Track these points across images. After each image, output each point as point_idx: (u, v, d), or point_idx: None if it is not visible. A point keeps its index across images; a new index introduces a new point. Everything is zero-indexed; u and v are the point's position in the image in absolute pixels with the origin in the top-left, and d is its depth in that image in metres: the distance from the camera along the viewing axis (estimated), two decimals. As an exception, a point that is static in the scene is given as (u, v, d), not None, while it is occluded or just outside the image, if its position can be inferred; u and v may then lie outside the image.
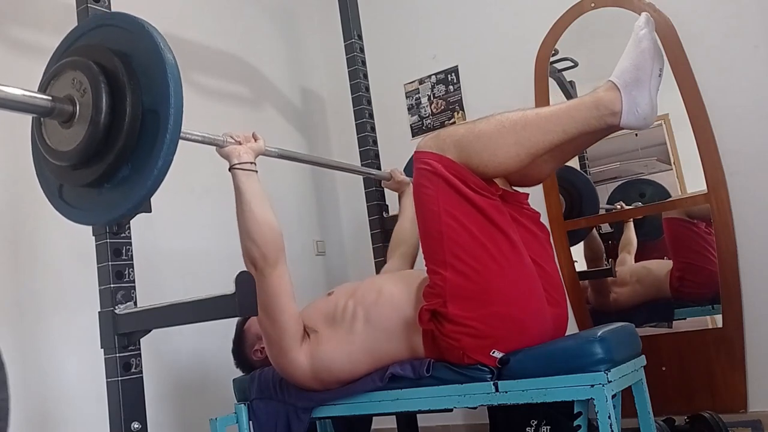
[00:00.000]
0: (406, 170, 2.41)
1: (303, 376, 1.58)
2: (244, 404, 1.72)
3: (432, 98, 2.93)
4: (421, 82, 2.97)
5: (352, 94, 2.53)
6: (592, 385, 1.32)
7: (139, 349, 1.47)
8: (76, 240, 1.75)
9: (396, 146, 2.86)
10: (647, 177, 2.52)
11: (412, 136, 2.97)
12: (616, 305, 2.53)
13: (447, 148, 1.45)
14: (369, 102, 2.54)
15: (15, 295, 1.84)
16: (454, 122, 2.86)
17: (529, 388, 1.39)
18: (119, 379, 1.42)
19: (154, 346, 1.91)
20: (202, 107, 2.59)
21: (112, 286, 1.47)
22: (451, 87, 2.88)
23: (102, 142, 1.14)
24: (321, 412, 1.65)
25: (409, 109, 3.00)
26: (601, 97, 1.41)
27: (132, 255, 1.51)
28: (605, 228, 2.64)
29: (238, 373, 1.87)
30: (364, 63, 2.56)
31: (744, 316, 2.18)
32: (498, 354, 1.41)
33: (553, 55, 2.57)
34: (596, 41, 2.56)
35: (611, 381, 1.33)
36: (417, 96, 2.98)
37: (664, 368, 2.27)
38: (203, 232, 2.38)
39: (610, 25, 2.45)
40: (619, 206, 2.56)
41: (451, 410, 1.52)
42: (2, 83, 1.15)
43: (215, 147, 1.64)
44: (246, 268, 1.56)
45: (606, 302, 2.54)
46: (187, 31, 2.59)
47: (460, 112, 2.85)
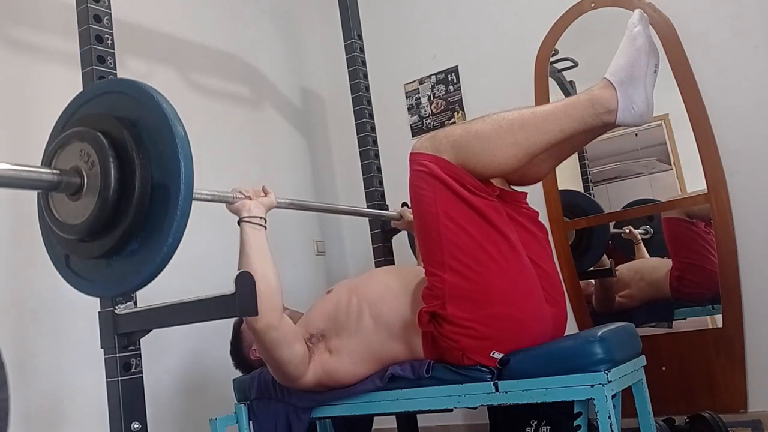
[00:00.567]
0: None
1: (309, 388, 1.60)
2: (244, 404, 1.72)
3: (432, 98, 2.93)
4: (421, 82, 2.97)
5: (352, 94, 2.53)
6: (592, 385, 1.32)
7: (139, 349, 1.47)
8: (76, 240, 1.75)
9: (396, 146, 2.86)
10: (649, 197, 2.49)
11: (412, 136, 2.97)
12: (620, 307, 2.53)
13: (443, 149, 1.44)
14: (369, 102, 2.54)
15: (15, 295, 1.84)
16: (454, 122, 2.86)
17: (529, 388, 1.39)
18: (119, 379, 1.42)
19: (154, 346, 1.91)
20: (202, 107, 2.59)
21: (112, 286, 1.46)
22: (451, 87, 2.88)
23: (110, 217, 1.10)
24: (321, 412, 1.65)
25: (409, 109, 3.00)
26: (596, 95, 1.40)
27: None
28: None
29: (238, 373, 1.87)
30: (364, 63, 2.56)
31: (744, 316, 2.18)
32: (498, 355, 1.41)
33: (553, 55, 2.57)
34: (596, 41, 2.56)
35: (611, 381, 1.33)
36: (417, 96, 2.98)
37: (664, 368, 2.27)
38: (203, 232, 2.38)
39: (610, 25, 2.45)
40: (627, 230, 2.55)
41: (451, 410, 1.52)
42: (8, 162, 1.07)
43: (225, 204, 1.62)
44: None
45: (611, 307, 2.54)
46: (187, 31, 2.59)
47: (460, 112, 2.85)
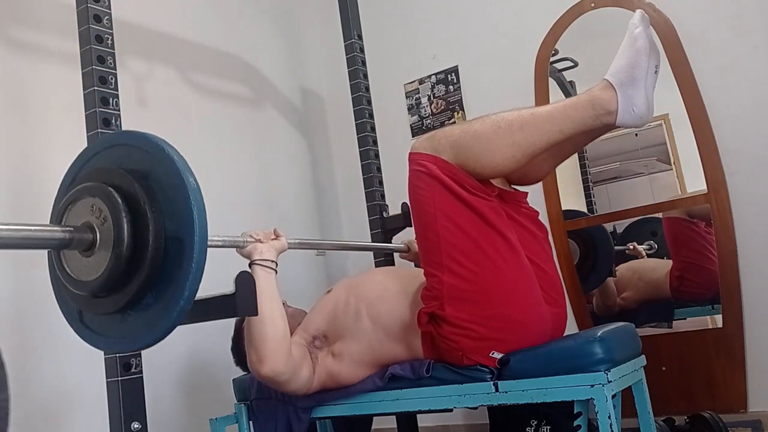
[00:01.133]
0: None
1: (311, 393, 1.60)
2: (244, 404, 1.73)
3: (432, 98, 2.93)
4: (421, 82, 2.97)
5: (352, 94, 2.53)
6: (592, 385, 1.32)
7: (142, 350, 1.47)
8: (76, 240, 1.75)
9: (396, 146, 2.86)
10: (659, 215, 2.47)
11: (412, 136, 2.96)
12: (618, 306, 2.53)
13: (442, 149, 1.44)
14: (369, 102, 2.54)
15: (15, 295, 1.84)
16: (454, 122, 2.86)
17: (529, 388, 1.39)
18: (119, 379, 1.42)
19: (154, 346, 1.91)
20: (202, 107, 2.59)
21: (112, 286, 1.46)
22: (451, 87, 2.88)
23: (125, 272, 1.08)
24: (321, 412, 1.65)
25: (409, 109, 3.00)
26: (597, 96, 1.40)
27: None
28: (607, 227, 2.63)
29: (238, 373, 1.87)
30: (364, 63, 2.56)
31: (744, 316, 2.18)
32: (497, 355, 1.41)
33: (553, 55, 2.57)
34: (596, 41, 2.56)
35: (611, 381, 1.33)
36: (417, 96, 2.98)
37: (664, 368, 2.27)
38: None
39: (610, 25, 2.45)
40: (631, 246, 2.55)
41: (451, 410, 1.52)
42: (17, 222, 1.05)
43: (236, 249, 1.60)
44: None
45: (612, 308, 2.53)
46: (187, 31, 2.59)
47: (460, 112, 2.85)
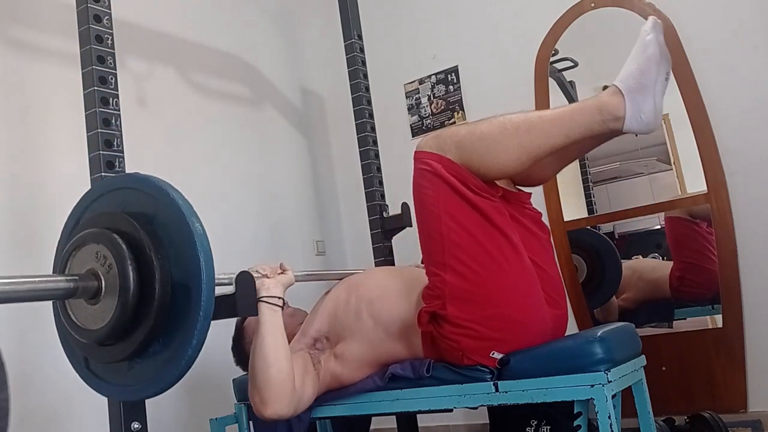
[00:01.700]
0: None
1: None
2: (244, 404, 1.73)
3: (432, 98, 2.93)
4: (421, 82, 2.97)
5: (352, 94, 2.53)
6: (592, 385, 1.32)
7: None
8: (76, 240, 1.75)
9: (396, 146, 2.86)
10: (660, 227, 2.49)
11: (412, 136, 2.97)
12: (619, 307, 2.53)
13: (448, 149, 1.44)
14: (369, 102, 2.54)
15: (15, 295, 1.84)
16: (454, 122, 2.86)
17: (529, 388, 1.39)
18: (119, 379, 1.42)
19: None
20: (202, 107, 2.59)
21: (112, 286, 1.46)
22: (451, 87, 2.88)
23: (132, 321, 1.07)
24: (321, 412, 1.65)
25: (409, 109, 3.00)
26: (604, 102, 1.40)
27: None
28: (606, 228, 2.63)
29: (238, 373, 1.87)
30: (364, 63, 2.55)
31: (744, 316, 2.18)
32: (498, 355, 1.41)
33: (553, 55, 2.57)
34: (596, 41, 2.56)
35: (611, 381, 1.33)
36: (417, 96, 2.98)
37: (664, 368, 2.27)
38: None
39: (610, 25, 2.45)
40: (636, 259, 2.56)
41: (451, 410, 1.52)
42: (19, 276, 1.02)
43: None
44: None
45: (614, 314, 2.53)
46: (187, 31, 2.59)
47: (460, 112, 2.85)
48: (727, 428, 1.91)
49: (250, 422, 1.72)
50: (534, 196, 1.63)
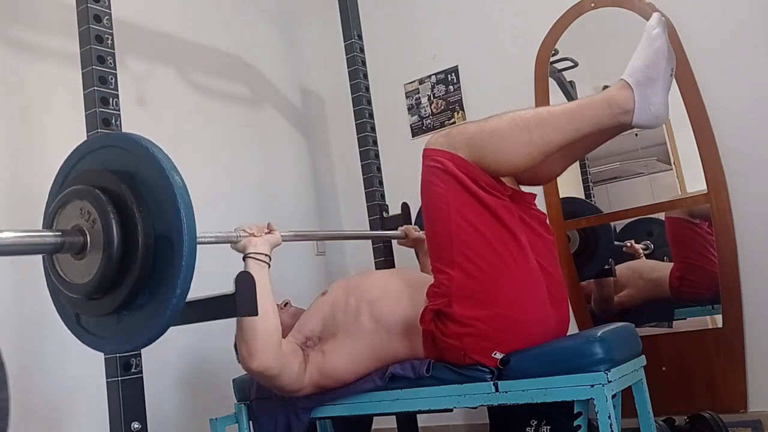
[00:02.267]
0: (417, 222, 2.37)
1: (307, 393, 1.60)
2: (244, 404, 1.73)
3: (432, 98, 2.93)
4: (421, 82, 2.97)
5: (352, 94, 2.53)
6: (592, 385, 1.32)
7: (139, 349, 1.47)
8: (76, 240, 1.75)
9: (396, 146, 2.86)
10: (656, 216, 2.48)
11: (412, 136, 2.97)
12: (617, 306, 2.53)
13: (458, 146, 1.44)
14: (369, 102, 2.54)
15: (15, 295, 1.84)
16: (454, 122, 2.86)
17: (529, 388, 1.39)
18: (119, 379, 1.42)
19: (154, 346, 1.91)
20: (202, 107, 2.59)
21: (112, 286, 1.46)
22: (451, 87, 2.88)
23: (117, 273, 1.10)
24: (321, 412, 1.65)
25: (409, 109, 3.00)
26: (613, 96, 1.40)
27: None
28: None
29: (238, 373, 1.87)
30: (364, 63, 2.56)
31: (744, 316, 2.18)
32: (499, 355, 1.41)
33: (553, 55, 2.57)
34: (596, 41, 2.56)
35: (611, 381, 1.33)
36: (417, 96, 2.98)
37: (664, 368, 2.27)
38: (203, 230, 2.38)
39: (610, 25, 2.45)
40: (629, 243, 2.55)
41: (451, 410, 1.52)
42: (9, 229, 1.06)
43: (230, 244, 1.61)
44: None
45: (611, 309, 2.54)
46: (187, 31, 2.59)
47: (460, 112, 2.85)
48: (727, 428, 1.91)
49: (250, 422, 1.72)
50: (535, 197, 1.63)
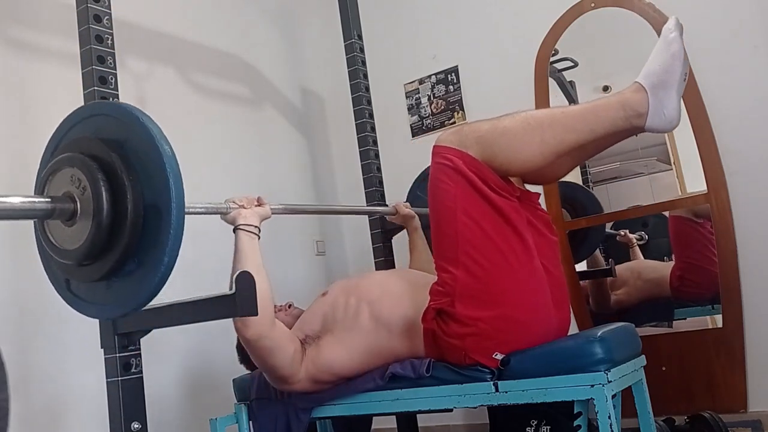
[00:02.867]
0: (409, 198, 2.38)
1: (304, 387, 1.59)
2: (244, 404, 1.72)
3: (432, 98, 2.93)
4: (421, 82, 2.97)
5: (352, 94, 2.53)
6: (592, 385, 1.32)
7: (139, 349, 1.47)
8: (76, 240, 1.75)
9: (396, 146, 2.86)
10: (649, 202, 2.50)
11: (412, 136, 2.97)
12: (617, 305, 2.53)
13: (469, 145, 1.43)
14: (369, 102, 2.54)
15: (15, 295, 1.84)
16: (454, 122, 2.86)
17: (529, 388, 1.39)
18: (119, 379, 1.42)
19: (154, 346, 1.91)
20: (202, 107, 2.59)
21: (112, 286, 1.46)
22: (451, 87, 2.88)
23: (106, 241, 1.12)
24: (321, 412, 1.65)
25: (409, 109, 3.00)
26: (627, 98, 1.40)
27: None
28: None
29: (238, 373, 1.87)
30: (364, 63, 2.56)
31: (744, 316, 2.18)
32: (500, 356, 1.41)
33: (553, 55, 2.57)
34: (596, 41, 2.56)
35: (611, 381, 1.33)
36: (417, 96, 2.98)
37: (664, 368, 2.27)
38: (203, 232, 2.38)
39: (610, 25, 2.45)
40: (623, 232, 2.56)
41: (451, 410, 1.52)
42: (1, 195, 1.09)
43: (220, 216, 1.62)
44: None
45: (607, 306, 2.54)
46: (187, 31, 2.59)
47: (460, 112, 2.85)
48: (727, 428, 1.91)
49: (250, 422, 1.72)
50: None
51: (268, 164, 2.85)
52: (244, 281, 1.23)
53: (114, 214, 1.11)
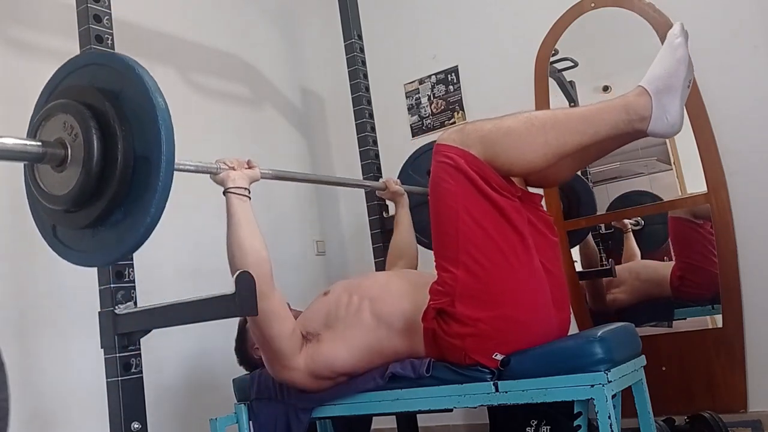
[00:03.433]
0: (400, 177, 2.40)
1: (304, 379, 1.58)
2: (244, 404, 1.72)
3: (432, 98, 2.93)
4: (421, 82, 2.97)
5: (352, 94, 2.53)
6: (592, 385, 1.32)
7: (139, 349, 1.47)
8: (76, 240, 1.75)
9: (396, 146, 2.86)
10: (646, 189, 2.50)
11: (412, 136, 2.97)
12: (615, 305, 2.53)
13: (472, 144, 1.42)
14: (369, 102, 2.54)
15: (15, 295, 1.84)
16: (454, 122, 2.86)
17: (529, 388, 1.39)
18: (119, 379, 1.42)
19: (154, 346, 1.91)
20: (202, 107, 2.59)
21: (112, 286, 1.47)
22: (451, 87, 2.88)
23: (95, 189, 1.13)
24: (321, 412, 1.65)
25: (409, 109, 3.00)
26: (631, 102, 1.40)
27: (132, 255, 1.51)
28: (602, 229, 2.63)
29: (238, 373, 1.87)
30: (364, 63, 2.56)
31: (744, 316, 2.18)
32: (500, 356, 1.41)
33: (553, 55, 2.57)
34: (596, 41, 2.56)
35: (611, 381, 1.33)
36: (417, 96, 2.98)
37: (664, 368, 2.27)
38: (203, 231, 2.38)
39: (610, 25, 2.45)
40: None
41: (451, 410, 1.52)
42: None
43: (209, 175, 1.62)
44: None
45: (604, 304, 2.54)
46: (187, 31, 2.59)
47: (460, 112, 2.85)
48: (727, 428, 1.91)
49: (250, 422, 1.72)
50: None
51: (268, 164, 2.84)
52: (244, 281, 1.23)
53: (104, 162, 1.12)
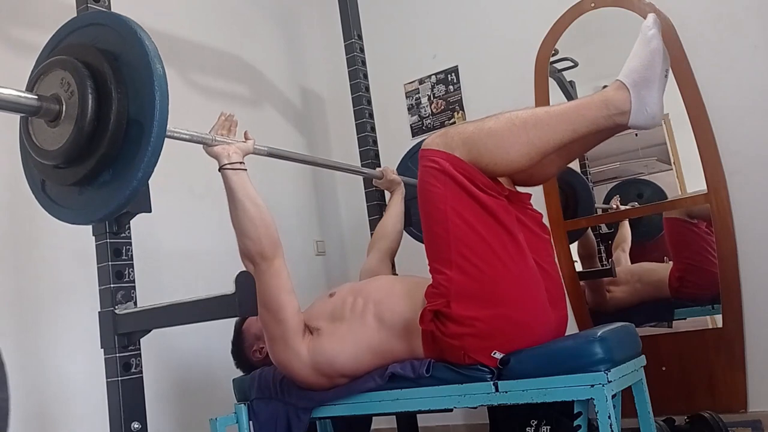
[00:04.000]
0: (399, 169, 2.41)
1: (303, 369, 1.58)
2: (244, 404, 1.72)
3: (432, 98, 2.93)
4: (421, 82, 2.97)
5: (352, 94, 2.53)
6: (592, 385, 1.32)
7: (139, 349, 1.47)
8: (76, 240, 1.75)
9: (396, 146, 2.86)
10: (646, 177, 2.51)
11: (412, 136, 2.97)
12: (614, 304, 2.53)
13: (455, 146, 1.44)
14: (369, 102, 2.54)
15: (15, 295, 1.84)
16: (454, 122, 2.86)
17: (529, 388, 1.39)
18: (119, 379, 1.42)
19: (154, 346, 1.91)
20: (202, 107, 2.58)
21: (112, 286, 1.46)
22: (451, 87, 2.88)
23: (85, 147, 1.15)
24: (321, 412, 1.65)
25: (409, 109, 3.00)
26: (610, 97, 1.41)
27: (132, 255, 1.52)
28: (603, 229, 2.64)
29: (238, 373, 1.87)
30: (364, 63, 2.56)
31: (744, 316, 2.18)
32: (499, 355, 1.41)
33: (553, 55, 2.57)
34: (596, 41, 2.57)
35: (611, 381, 1.33)
36: (417, 96, 2.98)
37: (664, 368, 2.27)
38: (203, 231, 2.38)
39: (610, 25, 2.45)
40: (615, 205, 2.56)
41: (451, 410, 1.52)
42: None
43: (203, 146, 1.63)
44: (244, 267, 1.56)
45: (602, 301, 2.54)
46: (187, 31, 2.59)
47: (460, 112, 2.85)
48: (727, 428, 1.91)
49: (250, 422, 1.72)
50: (534, 197, 1.63)
51: (267, 164, 2.85)
52: (244, 281, 1.24)
53: (96, 122, 1.13)
